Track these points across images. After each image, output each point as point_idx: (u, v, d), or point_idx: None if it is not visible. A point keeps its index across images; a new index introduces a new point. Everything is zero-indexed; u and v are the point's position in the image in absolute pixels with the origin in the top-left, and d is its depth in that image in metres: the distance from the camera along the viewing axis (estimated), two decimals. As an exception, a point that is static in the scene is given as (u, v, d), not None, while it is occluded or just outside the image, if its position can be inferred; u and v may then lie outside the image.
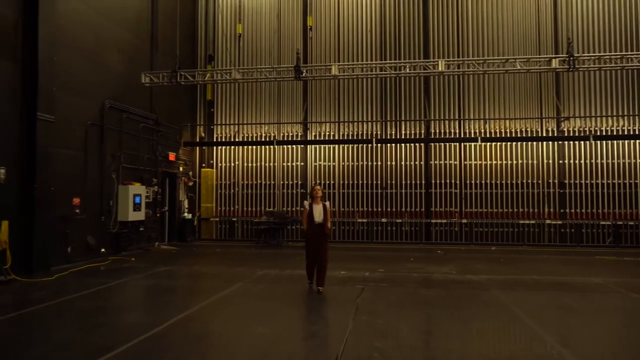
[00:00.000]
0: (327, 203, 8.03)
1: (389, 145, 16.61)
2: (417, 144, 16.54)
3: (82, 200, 11.39)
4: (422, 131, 16.62)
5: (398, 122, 16.67)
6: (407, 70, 13.10)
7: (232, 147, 17.36)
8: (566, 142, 15.98)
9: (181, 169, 16.56)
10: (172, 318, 6.10)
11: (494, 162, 16.16)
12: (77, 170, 11.37)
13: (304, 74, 12.44)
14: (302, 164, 16.99)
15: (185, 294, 8.11)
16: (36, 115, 9.72)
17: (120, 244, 12.84)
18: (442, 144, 16.42)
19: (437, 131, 16.55)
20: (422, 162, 16.53)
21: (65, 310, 6.72)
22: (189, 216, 16.55)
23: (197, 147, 17.58)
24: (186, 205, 16.78)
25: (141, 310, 7.07)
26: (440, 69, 11.94)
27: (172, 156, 15.81)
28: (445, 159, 16.42)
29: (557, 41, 16.13)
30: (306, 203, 7.99)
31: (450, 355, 4.81)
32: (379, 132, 16.72)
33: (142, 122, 14.05)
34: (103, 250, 12.13)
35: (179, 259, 12.40)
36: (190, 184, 17.10)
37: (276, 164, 17.12)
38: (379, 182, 16.61)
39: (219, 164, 17.52)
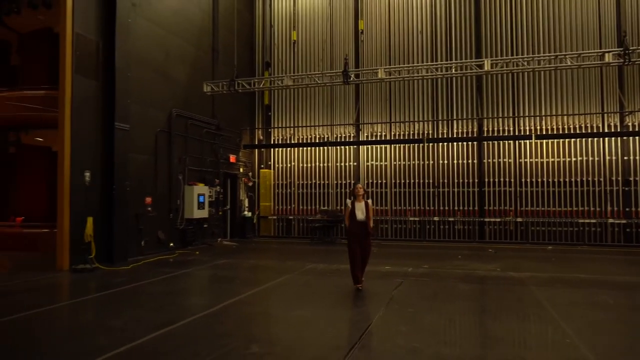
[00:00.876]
0: (369, 201, 8.20)
1: (440, 144, 16.81)
2: (470, 143, 16.61)
3: (153, 200, 12.72)
4: (475, 129, 16.67)
5: (450, 121, 16.83)
6: (454, 71, 13.32)
7: (288, 149, 18.31)
8: (631, 138, 15.42)
9: (241, 170, 17.73)
10: (225, 301, 6.99)
11: (550, 159, 15.91)
12: (149, 172, 12.71)
13: (351, 79, 13.03)
14: (355, 164, 17.59)
15: (239, 282, 9.01)
16: (114, 125, 11.08)
17: (186, 239, 14.12)
18: (496, 142, 16.39)
19: (490, 129, 16.52)
20: (475, 161, 16.57)
21: (138, 293, 7.83)
22: (249, 214, 17.68)
23: (256, 150, 18.70)
24: (246, 204, 17.93)
25: (200, 295, 8.04)
26: (486, 68, 12.11)
27: (232, 158, 17.00)
28: (499, 157, 16.37)
29: (619, 34, 15.59)
30: (348, 201, 8.16)
31: (462, 337, 5.26)
32: (430, 132, 16.97)
33: (205, 127, 15.29)
34: (172, 244, 13.43)
35: (238, 253, 13.46)
36: (250, 184, 18.24)
37: (330, 164, 17.86)
38: (431, 180, 16.86)
39: (277, 165, 18.55)
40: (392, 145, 17.23)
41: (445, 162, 16.80)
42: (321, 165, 17.98)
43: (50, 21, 14.03)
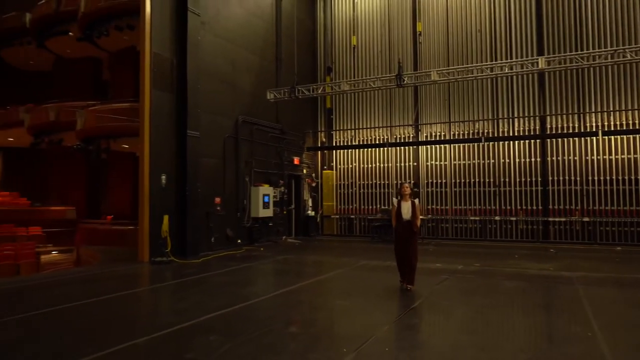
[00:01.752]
0: (416, 200, 8.04)
1: (501, 142, 16.67)
2: (532, 141, 16.31)
3: (222, 200, 13.94)
4: (537, 127, 16.34)
5: (511, 119, 16.62)
6: (513, 69, 13.26)
7: (350, 150, 18.98)
8: None
9: (305, 171, 18.66)
10: (277, 290, 7.83)
11: (619, 156, 15.24)
12: (218, 175, 13.93)
13: (405, 81, 13.43)
14: (415, 164, 17.88)
15: (294, 275, 9.83)
16: (187, 133, 12.36)
17: (253, 236, 15.24)
18: (560, 139, 15.97)
19: (554, 126, 16.13)
20: (539, 159, 16.25)
21: (205, 282, 8.89)
22: (312, 213, 18.57)
23: (319, 152, 19.54)
24: (310, 204, 18.83)
25: (258, 285, 8.94)
26: (540, 66, 12.01)
27: (296, 160, 17.96)
28: (563, 155, 15.94)
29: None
30: (394, 200, 8.11)
31: (482, 327, 5.65)
32: (490, 130, 16.87)
33: (269, 132, 16.36)
34: (239, 241, 14.59)
35: (300, 250, 14.34)
36: (314, 184, 19.12)
37: (390, 164, 18.28)
38: (491, 180, 16.76)
39: (339, 166, 19.28)
40: (452, 145, 17.32)
41: (507, 160, 16.62)
42: (381, 165, 18.45)
43: (134, 40, 15.73)
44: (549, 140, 16.12)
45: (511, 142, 16.58)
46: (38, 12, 18.50)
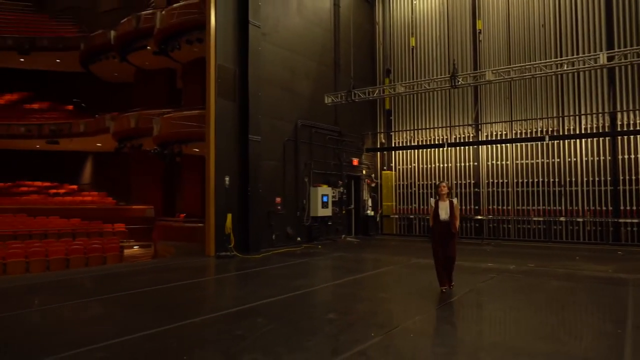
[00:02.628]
0: (455, 200, 7.76)
1: (567, 140, 16.12)
2: (601, 138, 15.64)
3: (282, 199, 14.74)
4: (607, 124, 15.64)
5: (577, 117, 16.03)
6: (577, 65, 12.87)
7: (409, 150, 19.15)
8: None
9: (364, 172, 19.09)
10: (326, 283, 8.41)
11: (699, 154, 14.26)
12: (278, 176, 14.75)
13: (459, 82, 13.49)
14: (475, 163, 17.72)
15: (344, 271, 10.33)
16: (248, 138, 13.28)
17: (312, 234, 15.93)
18: (632, 136, 15.19)
19: (625, 123, 15.36)
20: (609, 157, 15.55)
21: (261, 275, 9.65)
22: (371, 213, 18.95)
23: (378, 152, 19.89)
24: (369, 204, 19.22)
25: (309, 278, 9.53)
26: (602, 62, 11.62)
27: (355, 161, 18.44)
28: (636, 153, 15.14)
29: None
30: (432, 200, 7.91)
31: (510, 322, 5.85)
32: (554, 128, 16.36)
33: (328, 134, 16.98)
34: (299, 239, 15.32)
35: (357, 248, 14.81)
36: (373, 185, 19.50)
37: (450, 164, 18.25)
38: (556, 179, 16.26)
39: (398, 167, 19.52)
40: (514, 144, 16.99)
41: (574, 159, 16.05)
42: (441, 165, 18.46)
43: (203, 52, 16.99)
44: (620, 137, 15.38)
45: (578, 140, 15.99)
46: (121, 29, 20.45)
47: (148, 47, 19.65)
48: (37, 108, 28.80)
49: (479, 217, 17.33)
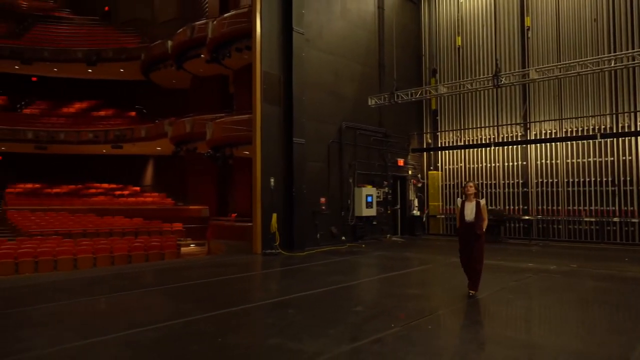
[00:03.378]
0: (482, 200, 7.39)
1: (621, 138, 15.52)
2: (659, 136, 14.95)
3: (327, 200, 15.22)
4: (666, 120, 14.93)
5: (633, 114, 15.39)
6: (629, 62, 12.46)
7: (456, 150, 19.07)
8: None
9: (410, 172, 19.21)
10: (360, 279, 8.79)
11: None
12: (323, 177, 15.24)
13: (502, 82, 13.40)
14: (524, 163, 17.40)
15: (381, 268, 10.66)
16: (293, 140, 13.87)
17: (356, 233, 16.30)
18: (694, 133, 14.43)
19: (686, 119, 14.61)
20: (669, 155, 14.85)
21: (301, 270, 10.19)
22: (417, 213, 19.04)
23: (424, 153, 19.93)
24: (416, 204, 19.32)
25: (345, 274, 9.87)
26: (652, 57, 11.22)
27: (400, 162, 18.62)
28: (698, 150, 14.38)
29: None
30: (458, 201, 7.65)
31: (532, 319, 5.99)
32: (608, 126, 15.79)
33: (372, 136, 17.28)
34: (343, 238, 15.74)
35: (400, 247, 15.03)
36: (419, 185, 19.58)
37: (497, 164, 18.01)
38: (610, 178, 15.69)
39: (444, 167, 19.48)
40: (564, 143, 16.55)
41: (628, 157, 15.43)
42: (488, 165, 18.26)
43: (251, 59, 17.82)
44: (679, 134, 14.65)
45: (633, 137, 15.35)
46: (177, 39, 21.75)
47: (202, 56, 20.78)
48: (104, 115, 31.05)
49: (527, 218, 17.01)
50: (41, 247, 15.47)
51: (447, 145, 19.44)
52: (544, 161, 16.99)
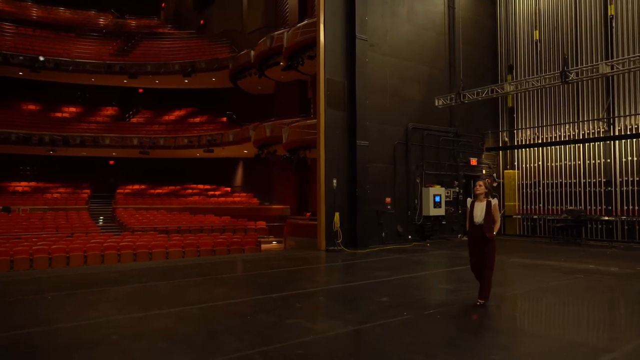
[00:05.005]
0: (494, 200, 6.75)
1: None
2: None
3: (392, 199, 15.61)
4: None
5: None
6: None
7: (533, 149, 18.38)
8: None
9: (484, 171, 18.87)
10: (402, 275, 9.19)
11: None
12: (388, 177, 15.64)
13: (570, 77, 12.86)
14: (607, 160, 16.35)
15: (430, 266, 10.93)
16: (356, 143, 14.47)
17: (424, 233, 16.46)
18: None
19: None
20: None
21: (354, 266, 10.84)
22: (491, 213, 18.60)
23: (500, 151, 19.41)
24: (491, 204, 18.87)
25: (392, 270, 10.13)
26: None
27: (473, 161, 18.38)
28: None
29: None
30: (468, 201, 7.04)
31: (554, 316, 6.06)
32: None
33: (441, 136, 17.31)
34: (410, 237, 16.02)
35: (466, 247, 14.92)
36: (495, 184, 19.13)
37: (578, 162, 17.10)
38: None
39: (522, 165, 18.85)
40: (653, 138, 15.33)
41: None
42: (568, 163, 17.40)
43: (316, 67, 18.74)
44: None
45: None
46: (258, 49, 23.33)
47: (281, 63, 22.10)
48: (198, 121, 33.90)
49: (608, 218, 15.97)
50: (139, 241, 17.61)
51: (524, 143, 18.79)
52: (630, 158, 15.85)
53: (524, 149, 18.73)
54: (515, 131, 19.07)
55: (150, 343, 4.98)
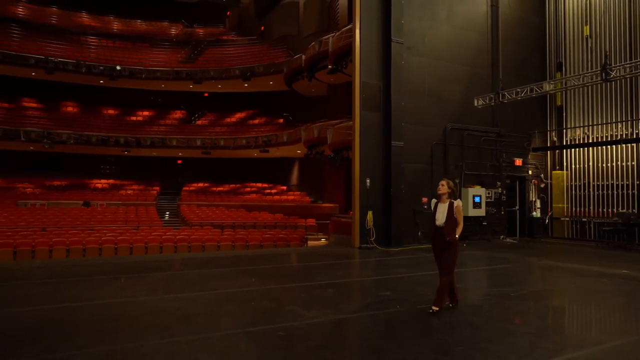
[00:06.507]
0: (457, 202, 6.46)
1: None
2: None
3: (429, 199, 15.83)
4: None
5: None
6: None
7: (583, 148, 17.78)
8: None
9: (530, 172, 18.49)
10: (419, 272, 9.62)
11: None
12: (424, 177, 15.88)
13: (612, 75, 12.50)
14: (664, 161, 15.56)
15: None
16: (391, 144, 14.91)
17: (462, 233, 16.47)
18: None
19: None
20: None
21: (379, 263, 11.37)
22: (537, 215, 18.24)
23: (548, 152, 18.91)
24: (538, 205, 18.51)
25: (412, 268, 10.56)
26: None
27: (518, 161, 18.09)
28: None
29: None
30: (433, 201, 6.71)
31: (561, 316, 6.31)
32: None
33: (482, 136, 17.24)
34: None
35: (503, 248, 14.90)
36: (542, 185, 18.69)
37: (632, 162, 16.37)
38: None
39: (571, 166, 18.28)
40: None
41: None
42: (621, 164, 16.70)
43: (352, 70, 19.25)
44: None
45: None
46: (308, 53, 24.25)
47: (329, 67, 22.86)
48: (257, 123, 35.51)
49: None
50: (194, 234, 19.15)
51: (573, 143, 18.20)
52: (688, 159, 14.99)
53: (573, 149, 18.16)
54: (564, 130, 18.51)
55: (157, 320, 5.92)
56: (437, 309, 6.21)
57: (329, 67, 22.58)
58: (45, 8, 40.11)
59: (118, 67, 32.04)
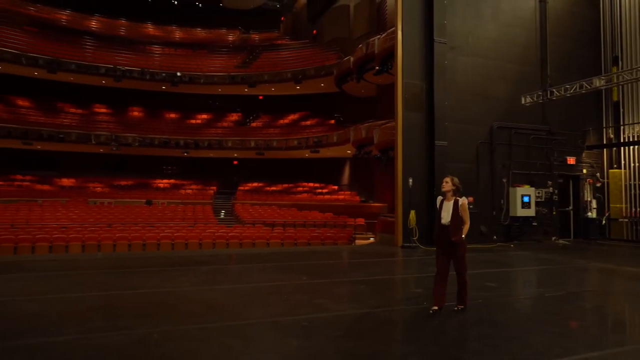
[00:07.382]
0: (462, 199, 6.26)
1: None
2: None
3: (475, 199, 15.71)
4: None
5: None
6: None
7: (643, 146, 16.94)
8: None
9: (585, 171, 17.82)
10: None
11: None
12: (470, 177, 15.73)
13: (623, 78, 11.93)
14: None
15: (492, 264, 11.10)
16: (434, 143, 14.97)
17: (510, 234, 16.24)
18: None
19: None
20: None
21: (418, 261, 11.62)
22: (592, 215, 17.54)
23: (604, 149, 18.12)
24: (594, 206, 17.79)
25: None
26: None
27: (570, 160, 17.49)
28: None
29: None
30: (438, 199, 6.46)
31: (569, 313, 6.37)
32: None
33: (532, 134, 16.84)
34: (495, 237, 15.97)
35: (552, 250, 14.54)
36: (598, 184, 17.95)
37: (696, 160, 15.44)
38: None
39: (630, 164, 17.45)
40: None
41: None
42: (685, 162, 15.78)
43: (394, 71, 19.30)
44: None
45: None
46: (356, 55, 24.58)
47: (376, 68, 23.06)
48: (309, 124, 36.23)
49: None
50: (246, 232, 20.03)
51: (632, 140, 17.35)
52: None
53: (632, 147, 17.31)
54: (621, 127, 17.68)
55: (193, 308, 6.52)
56: (462, 307, 6.35)
57: (376, 68, 22.76)
58: (115, 20, 43.01)
59: (179, 74, 33.88)
